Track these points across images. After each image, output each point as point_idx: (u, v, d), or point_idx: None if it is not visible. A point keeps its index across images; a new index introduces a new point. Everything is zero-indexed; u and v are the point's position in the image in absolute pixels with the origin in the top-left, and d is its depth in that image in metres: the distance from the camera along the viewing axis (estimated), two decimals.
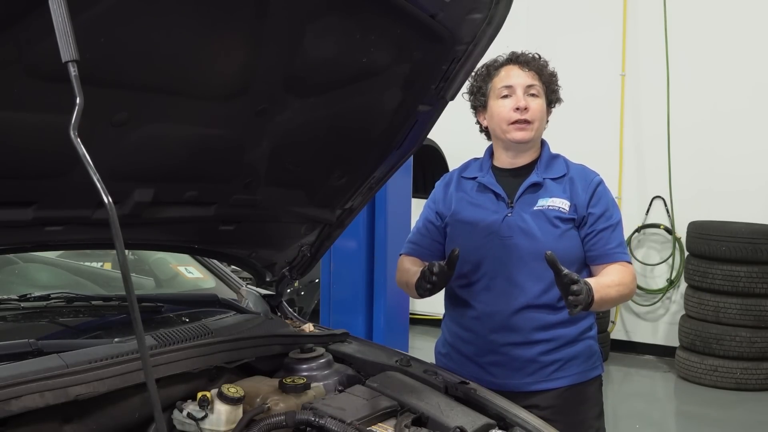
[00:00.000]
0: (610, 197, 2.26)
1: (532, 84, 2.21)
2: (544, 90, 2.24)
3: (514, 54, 2.27)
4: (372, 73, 1.80)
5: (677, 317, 6.07)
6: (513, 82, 2.22)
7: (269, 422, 1.61)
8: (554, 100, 2.30)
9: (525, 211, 2.20)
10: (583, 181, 2.23)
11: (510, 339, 2.19)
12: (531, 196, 2.22)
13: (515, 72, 2.23)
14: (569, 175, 2.25)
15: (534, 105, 2.21)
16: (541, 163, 2.27)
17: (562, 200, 2.20)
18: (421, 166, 5.44)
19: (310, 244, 2.29)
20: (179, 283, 2.82)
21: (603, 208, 2.21)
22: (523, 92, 2.21)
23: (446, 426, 1.73)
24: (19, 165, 1.47)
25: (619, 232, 2.23)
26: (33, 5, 1.10)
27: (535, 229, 2.17)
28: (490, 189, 2.26)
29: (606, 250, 2.19)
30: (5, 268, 2.60)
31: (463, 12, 1.72)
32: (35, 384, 1.43)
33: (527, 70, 2.23)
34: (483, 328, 2.22)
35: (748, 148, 6.01)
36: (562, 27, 6.50)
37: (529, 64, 2.24)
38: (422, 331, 6.13)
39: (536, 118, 2.21)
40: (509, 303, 2.18)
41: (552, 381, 2.20)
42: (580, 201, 2.20)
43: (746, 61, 6.00)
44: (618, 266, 2.19)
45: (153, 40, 1.38)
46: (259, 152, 1.84)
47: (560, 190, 2.22)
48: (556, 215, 2.18)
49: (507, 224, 2.20)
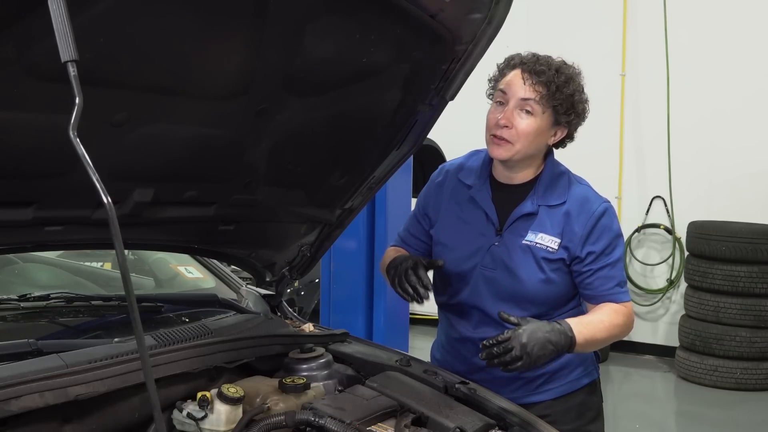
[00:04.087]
0: (613, 229, 2.05)
1: (527, 98, 1.95)
2: (547, 108, 1.96)
3: (530, 58, 2.00)
4: (372, 73, 1.80)
5: (677, 317, 6.07)
6: (508, 91, 1.97)
7: (269, 422, 1.61)
8: (560, 123, 2.01)
9: (513, 243, 2.04)
10: (583, 215, 2.02)
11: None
12: (522, 226, 2.04)
13: (517, 79, 1.97)
14: (567, 205, 2.03)
15: (521, 124, 1.95)
16: (540, 184, 2.06)
17: (551, 238, 2.01)
18: (421, 166, 5.43)
19: (310, 244, 2.29)
20: (179, 283, 2.82)
21: (603, 245, 2.02)
22: (515, 105, 1.96)
23: (446, 426, 1.73)
24: (19, 165, 1.47)
25: (618, 269, 2.05)
26: (33, 5, 1.10)
27: (521, 269, 2.02)
28: (482, 207, 2.09)
29: (601, 291, 2.03)
30: (5, 268, 2.60)
31: (463, 12, 1.72)
32: (35, 384, 1.43)
33: (530, 82, 1.95)
34: (466, 350, 2.15)
35: (748, 148, 6.01)
36: (562, 27, 6.50)
37: (538, 74, 1.95)
38: (422, 331, 6.13)
39: (520, 139, 1.96)
40: (487, 332, 2.03)
41: (540, 393, 2.13)
42: (574, 238, 2.01)
43: (746, 60, 6.00)
44: (612, 307, 2.02)
45: (153, 40, 1.38)
46: (259, 152, 1.84)
47: (554, 223, 2.03)
48: (543, 256, 2.01)
49: (491, 255, 2.05)
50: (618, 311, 2.03)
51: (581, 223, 2.01)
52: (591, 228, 2.01)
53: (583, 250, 2.01)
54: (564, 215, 2.03)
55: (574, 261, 2.03)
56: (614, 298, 2.03)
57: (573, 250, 2.01)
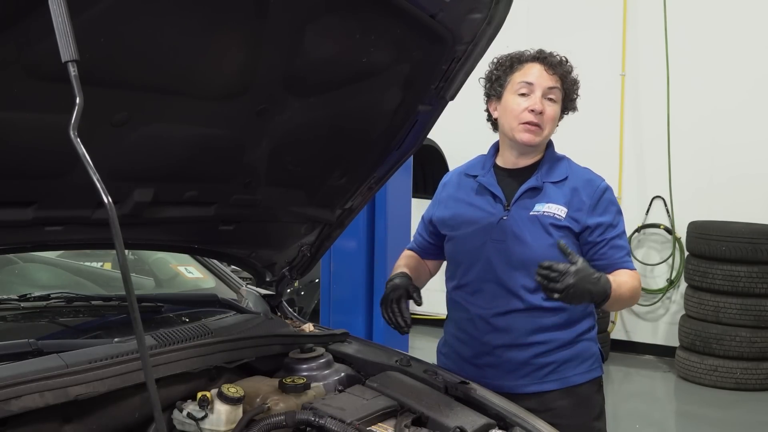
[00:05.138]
0: (616, 203, 2.22)
1: (553, 87, 2.17)
2: (562, 96, 2.20)
3: (543, 53, 2.21)
4: (372, 73, 1.80)
5: (677, 317, 6.07)
6: (535, 81, 2.16)
7: (269, 422, 1.61)
8: (569, 108, 2.25)
9: (520, 216, 2.16)
10: (588, 188, 2.18)
11: (503, 341, 2.17)
12: (529, 200, 2.18)
13: (539, 71, 2.17)
14: (571, 180, 2.19)
15: (549, 110, 2.16)
16: (543, 165, 2.22)
17: (558, 206, 2.15)
18: (421, 166, 5.44)
19: (310, 244, 2.29)
20: (179, 283, 2.82)
21: (611, 218, 2.17)
22: (542, 94, 2.16)
23: (446, 426, 1.73)
24: (19, 165, 1.47)
25: (624, 240, 2.20)
26: (33, 5, 1.10)
27: (528, 235, 2.14)
28: (488, 190, 2.22)
29: (615, 260, 2.15)
30: (5, 268, 2.60)
31: (463, 12, 1.72)
32: (35, 384, 1.43)
33: (552, 73, 2.17)
34: (477, 330, 2.20)
35: (748, 148, 6.01)
36: (562, 27, 6.50)
37: (554, 67, 2.18)
38: (422, 331, 6.12)
39: (548, 124, 2.17)
40: (501, 306, 2.16)
41: (546, 383, 2.17)
42: (582, 208, 2.15)
43: (746, 60, 6.00)
44: (628, 273, 2.15)
45: (153, 40, 1.38)
46: (259, 152, 1.84)
47: (559, 195, 2.17)
48: (551, 222, 2.13)
49: (501, 227, 2.17)
50: (634, 276, 2.16)
51: (587, 194, 2.16)
52: (597, 199, 2.16)
53: (591, 220, 2.15)
54: (570, 189, 2.18)
55: (584, 231, 2.15)
56: (627, 266, 2.17)
57: (581, 220, 2.14)
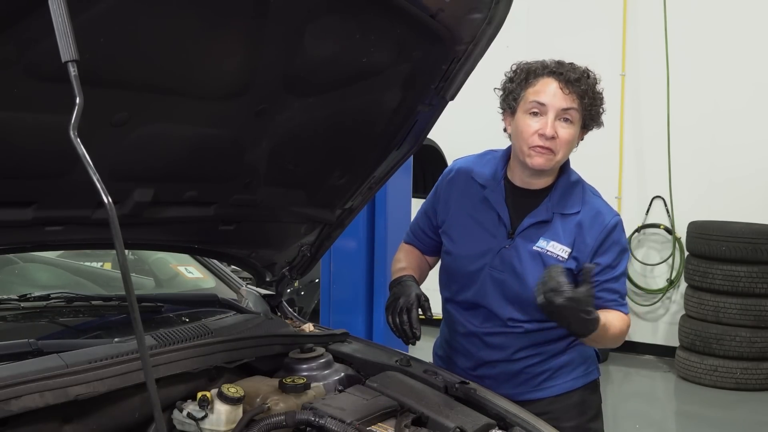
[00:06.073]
0: (621, 243, 2.07)
1: (568, 108, 1.97)
2: (581, 115, 2.00)
3: (561, 66, 2.00)
4: (372, 73, 1.80)
5: (677, 317, 6.07)
6: (547, 101, 1.96)
7: (269, 422, 1.61)
8: (591, 126, 2.07)
9: (523, 248, 2.05)
10: (596, 227, 2.03)
11: (497, 357, 2.13)
12: (534, 232, 2.05)
13: (553, 89, 1.97)
14: (581, 216, 2.04)
15: (563, 134, 1.98)
16: (556, 191, 2.07)
17: (562, 246, 2.03)
18: (421, 166, 5.43)
19: (310, 244, 2.29)
20: (179, 283, 2.82)
21: (611, 259, 2.04)
22: (555, 116, 1.96)
23: (446, 426, 1.73)
24: (19, 165, 1.47)
25: (621, 283, 2.07)
26: (33, 5, 1.10)
27: (530, 275, 2.01)
28: (495, 209, 2.09)
29: (604, 303, 2.03)
30: (5, 268, 2.60)
31: (463, 12, 1.72)
32: (35, 384, 1.43)
33: (568, 92, 1.97)
34: (470, 345, 2.17)
35: (748, 148, 6.00)
36: (562, 27, 6.50)
37: (572, 84, 1.97)
38: (422, 331, 6.12)
39: (561, 149, 1.99)
40: (493, 327, 2.11)
41: (542, 390, 2.15)
42: (585, 249, 2.02)
43: (746, 60, 6.00)
44: (618, 314, 2.05)
45: (153, 40, 1.38)
46: (259, 152, 1.84)
47: (566, 232, 2.04)
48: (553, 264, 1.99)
49: (501, 257, 2.06)
50: (623, 320, 2.06)
51: (593, 235, 2.03)
52: (602, 241, 2.03)
53: (592, 260, 2.02)
54: (577, 225, 2.04)
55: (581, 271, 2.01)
56: (617, 309, 2.06)
57: (582, 260, 2.02)
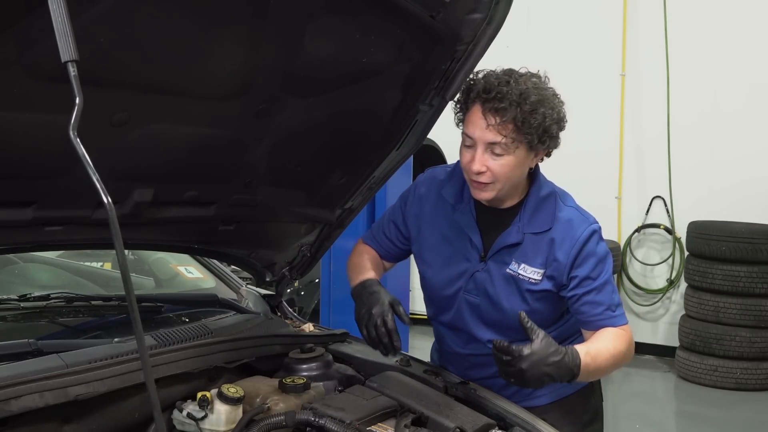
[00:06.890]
0: (598, 253, 1.93)
1: (495, 142, 1.80)
2: (520, 142, 1.81)
3: (489, 92, 1.79)
4: (372, 73, 1.80)
5: (677, 317, 6.07)
6: (475, 135, 1.82)
7: (269, 422, 1.61)
8: (544, 151, 1.90)
9: (496, 271, 1.97)
10: (567, 242, 1.92)
11: (484, 374, 2.09)
12: (507, 254, 1.96)
13: (479, 121, 1.81)
14: (553, 232, 1.94)
15: (494, 166, 1.82)
16: (526, 210, 1.96)
17: (534, 269, 1.94)
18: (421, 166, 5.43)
19: (309, 244, 2.29)
20: (179, 283, 2.82)
21: (588, 270, 1.92)
22: (484, 149, 1.82)
23: (446, 426, 1.73)
24: (19, 165, 1.47)
25: (605, 293, 1.93)
26: (33, 5, 1.10)
27: (504, 300, 1.97)
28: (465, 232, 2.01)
29: (591, 317, 1.93)
30: (5, 268, 2.60)
31: (463, 12, 1.73)
32: (35, 384, 1.43)
33: (495, 122, 1.78)
34: (459, 361, 2.15)
35: (748, 148, 6.00)
36: (562, 27, 6.49)
37: (500, 112, 1.77)
38: (422, 331, 6.11)
39: (500, 180, 1.85)
40: (475, 350, 2.08)
41: (534, 399, 2.10)
42: (559, 267, 1.93)
43: (746, 60, 6.00)
44: (612, 332, 1.92)
45: (153, 40, 1.38)
46: (259, 152, 1.84)
47: (538, 252, 1.94)
48: (527, 288, 1.95)
49: (475, 281, 2.00)
50: (619, 336, 1.93)
51: (564, 251, 1.92)
52: (576, 255, 1.92)
53: (569, 275, 1.94)
54: (549, 243, 1.94)
55: (561, 288, 1.96)
56: (608, 323, 1.93)
57: (558, 278, 1.94)
